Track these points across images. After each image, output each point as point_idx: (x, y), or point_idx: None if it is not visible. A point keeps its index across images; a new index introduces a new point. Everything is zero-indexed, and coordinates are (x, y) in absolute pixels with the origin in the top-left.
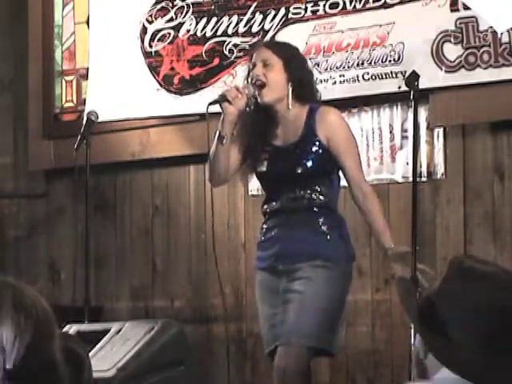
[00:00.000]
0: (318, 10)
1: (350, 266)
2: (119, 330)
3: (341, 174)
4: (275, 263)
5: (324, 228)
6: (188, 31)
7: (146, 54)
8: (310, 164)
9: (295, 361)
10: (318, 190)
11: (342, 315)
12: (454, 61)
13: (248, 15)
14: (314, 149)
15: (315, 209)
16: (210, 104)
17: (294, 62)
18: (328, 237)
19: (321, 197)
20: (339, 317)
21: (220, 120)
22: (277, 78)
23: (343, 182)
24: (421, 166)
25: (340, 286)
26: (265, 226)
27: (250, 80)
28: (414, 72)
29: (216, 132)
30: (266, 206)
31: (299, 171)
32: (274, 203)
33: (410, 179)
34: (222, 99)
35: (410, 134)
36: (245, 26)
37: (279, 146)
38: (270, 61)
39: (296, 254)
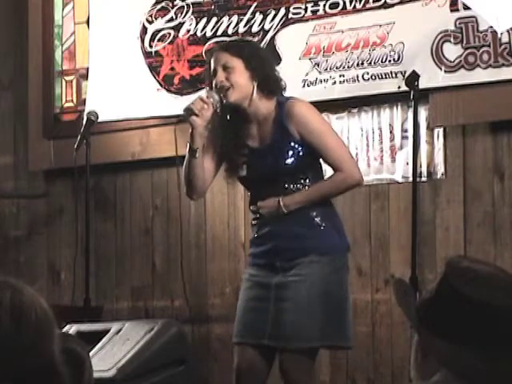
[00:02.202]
0: (318, 10)
1: (345, 257)
2: (119, 330)
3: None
4: (272, 260)
5: (317, 220)
6: (188, 31)
7: (146, 54)
8: (290, 161)
9: (299, 365)
10: (306, 182)
11: (345, 307)
12: (454, 61)
13: (248, 15)
14: (291, 146)
15: None
16: (179, 122)
17: (254, 58)
18: (322, 229)
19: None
20: (344, 309)
21: (189, 134)
22: (240, 79)
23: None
24: (421, 166)
25: (337, 279)
26: (255, 222)
27: (213, 87)
28: (414, 72)
29: (187, 146)
30: (254, 206)
31: (281, 170)
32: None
33: (410, 179)
34: (189, 113)
35: (410, 133)
36: (245, 26)
37: (255, 148)
38: (229, 64)
39: (292, 250)
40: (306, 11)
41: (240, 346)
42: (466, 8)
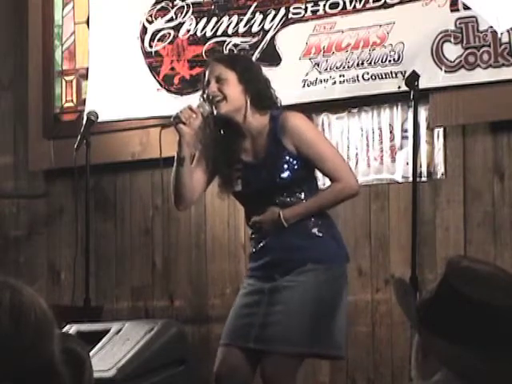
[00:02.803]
0: (318, 10)
1: (343, 267)
2: (119, 330)
3: None
4: (270, 272)
5: (315, 231)
6: (188, 31)
7: (146, 54)
8: (285, 175)
9: (282, 370)
10: (302, 194)
11: (338, 317)
12: (454, 61)
13: (248, 15)
14: (286, 160)
15: None
16: (163, 128)
17: (247, 72)
18: (319, 238)
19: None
20: (336, 318)
21: (176, 142)
22: (233, 92)
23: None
24: (421, 166)
25: (331, 288)
26: (254, 237)
27: (205, 97)
28: (413, 72)
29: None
30: (252, 221)
31: (277, 184)
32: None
33: (410, 179)
34: (176, 121)
35: (410, 133)
36: (245, 26)
37: (250, 163)
38: (223, 75)
39: (290, 261)
40: (306, 11)
41: (224, 347)
42: (466, 8)
